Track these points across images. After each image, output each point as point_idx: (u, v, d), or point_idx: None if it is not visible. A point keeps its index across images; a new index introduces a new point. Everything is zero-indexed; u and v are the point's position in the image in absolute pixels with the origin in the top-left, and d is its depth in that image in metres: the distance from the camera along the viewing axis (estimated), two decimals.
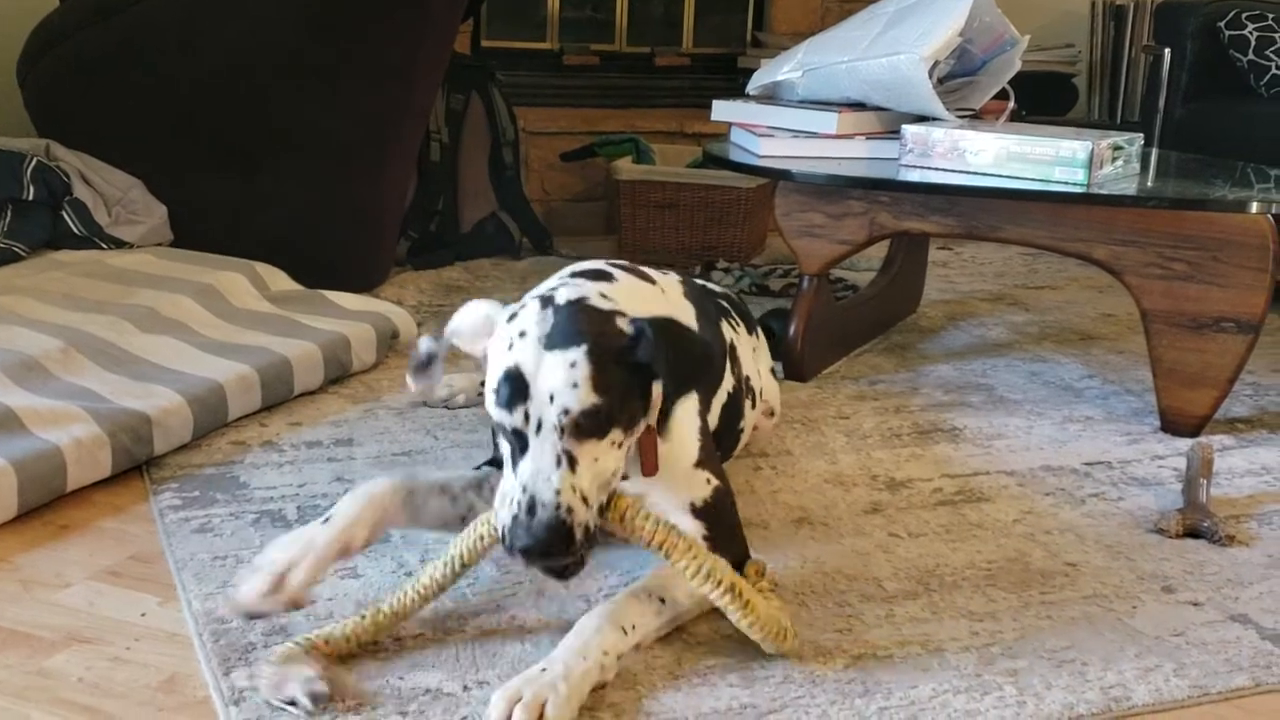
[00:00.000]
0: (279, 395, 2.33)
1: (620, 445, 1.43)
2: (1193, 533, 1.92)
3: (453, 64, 3.45)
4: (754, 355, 2.13)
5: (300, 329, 2.51)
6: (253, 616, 1.42)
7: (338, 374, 2.47)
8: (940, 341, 3.00)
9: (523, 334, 1.42)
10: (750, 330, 2.15)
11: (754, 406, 2.05)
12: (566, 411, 1.37)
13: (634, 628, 1.48)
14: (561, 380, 1.38)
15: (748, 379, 2.00)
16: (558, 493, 1.36)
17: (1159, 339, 2.37)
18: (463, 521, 1.67)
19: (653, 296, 1.64)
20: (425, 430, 2.24)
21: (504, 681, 1.41)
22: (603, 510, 1.43)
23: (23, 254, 2.78)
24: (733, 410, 1.91)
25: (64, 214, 2.86)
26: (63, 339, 2.25)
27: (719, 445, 1.89)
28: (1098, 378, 2.74)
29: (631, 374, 1.42)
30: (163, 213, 3.00)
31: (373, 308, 2.70)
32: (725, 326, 1.97)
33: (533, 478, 1.37)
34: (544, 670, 1.38)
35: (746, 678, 1.48)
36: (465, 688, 1.43)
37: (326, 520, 1.52)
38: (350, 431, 2.24)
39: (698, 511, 1.64)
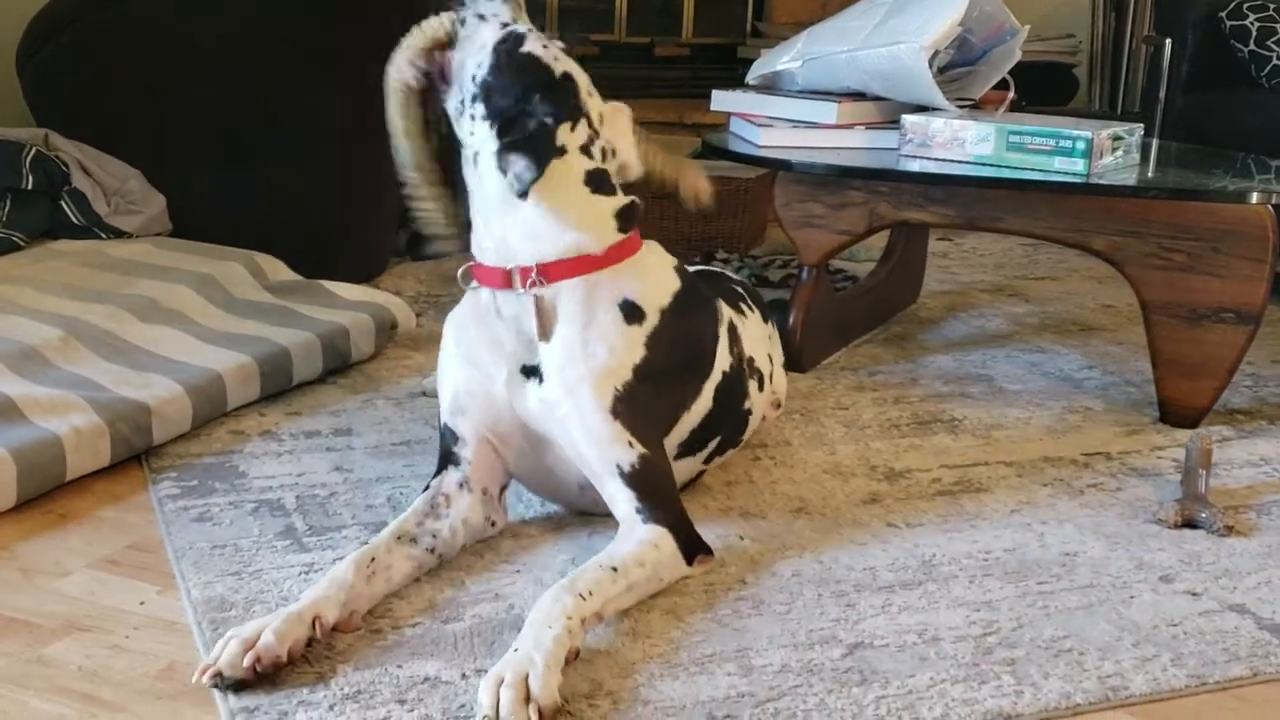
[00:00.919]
0: (278, 385, 2.33)
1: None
2: (1191, 523, 1.92)
3: None
4: (768, 341, 2.15)
5: (299, 319, 2.51)
6: (227, 682, 1.40)
7: (336, 364, 2.47)
8: (940, 332, 3.00)
9: None
10: (765, 319, 2.17)
11: (761, 389, 2.05)
12: None
13: (591, 593, 1.50)
14: None
15: (751, 359, 2.01)
16: None
17: (1158, 330, 2.37)
18: (433, 554, 1.69)
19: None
20: (424, 420, 2.24)
21: None
22: None
23: (22, 243, 2.78)
24: (732, 389, 1.93)
25: (63, 203, 2.86)
26: (62, 328, 2.25)
27: (718, 429, 1.92)
28: (1097, 369, 2.74)
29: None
30: (161, 203, 3.00)
31: (372, 298, 2.70)
32: (728, 308, 1.98)
33: None
34: (516, 650, 1.39)
35: (744, 666, 1.48)
36: (463, 676, 1.44)
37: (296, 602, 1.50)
38: (349, 421, 2.24)
39: (626, 478, 1.67)
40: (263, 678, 1.40)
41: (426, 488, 1.76)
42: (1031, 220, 2.45)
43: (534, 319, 1.70)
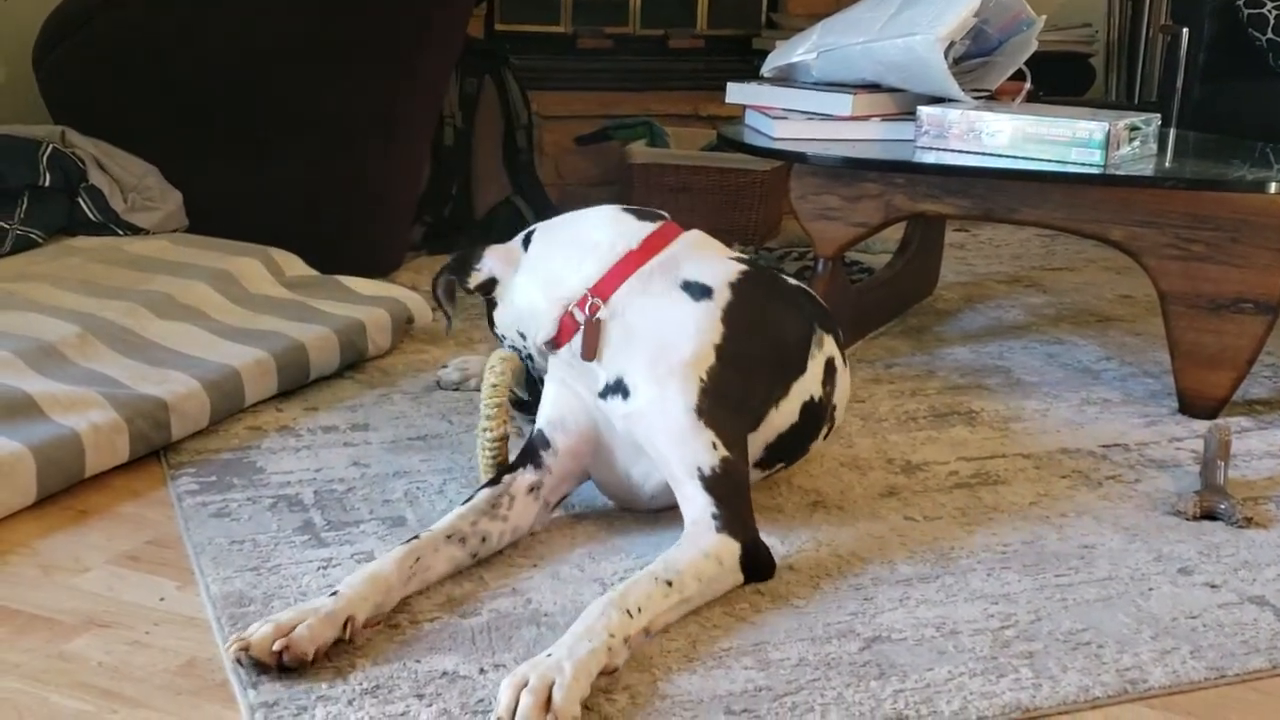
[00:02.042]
0: (295, 380, 2.34)
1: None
2: (1210, 515, 1.91)
3: (466, 48, 3.44)
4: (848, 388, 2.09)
5: (316, 314, 2.52)
6: (249, 660, 1.40)
7: (353, 359, 2.48)
8: (957, 324, 2.99)
9: None
10: (845, 360, 2.05)
11: (826, 436, 2.02)
12: None
13: (640, 610, 1.47)
14: None
15: (834, 408, 1.98)
16: None
17: (1177, 320, 2.36)
18: (473, 558, 1.67)
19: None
20: (440, 415, 2.25)
21: (519, 664, 1.42)
22: None
23: (39, 240, 2.79)
24: (815, 421, 1.91)
25: (80, 200, 2.87)
26: (79, 325, 2.26)
27: (790, 452, 1.91)
28: (1115, 360, 2.73)
29: None
30: (178, 199, 3.01)
31: (388, 293, 2.70)
32: (831, 342, 1.94)
33: None
34: (549, 655, 1.38)
35: (761, 660, 1.48)
36: (481, 670, 1.44)
37: (334, 594, 1.49)
38: (366, 416, 2.25)
39: (706, 481, 1.65)
40: (283, 670, 1.40)
41: (495, 481, 1.75)
42: (1048, 211, 2.44)
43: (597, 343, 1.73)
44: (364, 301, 2.62)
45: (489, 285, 1.92)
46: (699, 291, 1.75)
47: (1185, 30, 3.87)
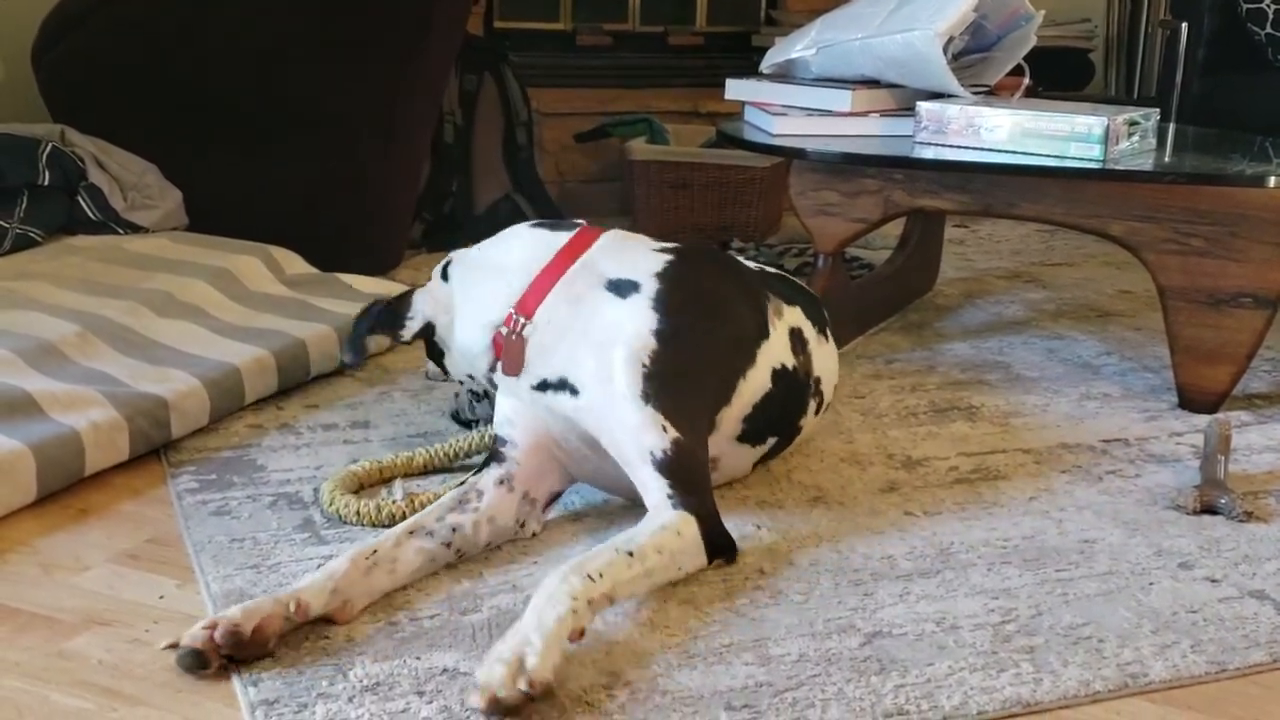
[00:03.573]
0: (295, 378, 2.34)
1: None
2: (1210, 509, 1.91)
3: (465, 45, 3.45)
4: (836, 372, 2.10)
5: (316, 312, 2.52)
6: (183, 651, 1.41)
7: None
8: (957, 319, 2.99)
9: None
10: (824, 335, 2.06)
11: (817, 413, 2.02)
12: None
13: (601, 575, 1.47)
14: None
15: (819, 379, 1.99)
16: None
17: (1176, 315, 2.36)
18: (449, 548, 1.67)
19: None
20: (440, 412, 2.25)
21: None
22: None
23: (39, 239, 2.79)
24: (795, 390, 1.91)
25: (80, 199, 2.87)
26: (79, 323, 2.26)
27: (777, 425, 1.91)
28: (1115, 355, 2.73)
29: None
30: (178, 197, 3.01)
31: (388, 290, 2.70)
32: (796, 313, 1.95)
33: None
34: (517, 630, 1.38)
35: (762, 656, 1.48)
36: None
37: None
38: (366, 414, 2.25)
39: (658, 464, 1.65)
40: (229, 660, 1.41)
41: (461, 483, 1.76)
42: (1048, 206, 2.44)
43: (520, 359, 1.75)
44: (364, 299, 2.61)
45: (428, 330, 1.93)
46: (626, 288, 1.75)
47: (1184, 25, 3.87)
